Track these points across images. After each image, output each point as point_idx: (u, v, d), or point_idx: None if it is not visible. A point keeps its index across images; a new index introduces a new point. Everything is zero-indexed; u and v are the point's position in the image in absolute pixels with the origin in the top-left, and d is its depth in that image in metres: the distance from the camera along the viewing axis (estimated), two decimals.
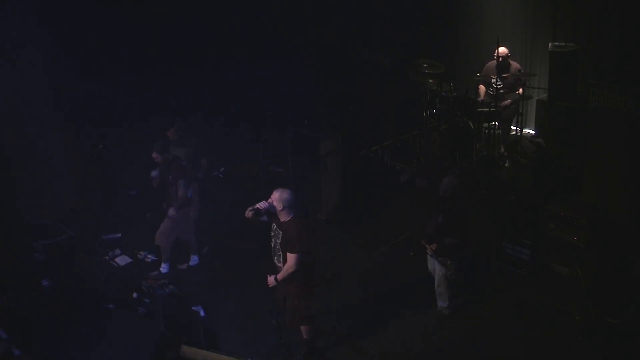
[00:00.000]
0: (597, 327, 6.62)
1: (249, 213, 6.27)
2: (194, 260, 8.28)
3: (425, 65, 9.75)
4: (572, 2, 9.58)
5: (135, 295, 7.54)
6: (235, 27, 10.16)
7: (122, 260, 8.34)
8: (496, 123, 9.33)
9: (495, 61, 9.28)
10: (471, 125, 9.41)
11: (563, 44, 9.30)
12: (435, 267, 7.01)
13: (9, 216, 7.86)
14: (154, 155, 7.71)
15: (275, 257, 6.36)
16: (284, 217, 6.22)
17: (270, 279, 6.31)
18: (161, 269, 8.04)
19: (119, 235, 8.80)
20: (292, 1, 10.40)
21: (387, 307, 7.28)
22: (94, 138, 8.94)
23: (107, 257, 8.36)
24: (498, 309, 7.11)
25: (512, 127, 9.91)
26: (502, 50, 9.27)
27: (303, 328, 6.57)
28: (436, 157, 9.49)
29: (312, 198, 9.05)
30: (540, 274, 7.02)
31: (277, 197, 6.16)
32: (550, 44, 9.40)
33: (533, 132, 10.21)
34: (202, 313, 7.19)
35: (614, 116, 7.19)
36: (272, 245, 6.39)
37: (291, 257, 6.14)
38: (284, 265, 6.25)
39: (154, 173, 8.00)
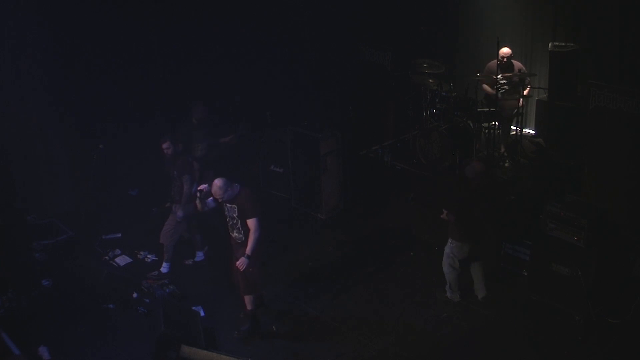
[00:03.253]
0: (597, 327, 6.62)
1: (197, 203, 6.77)
2: (199, 256, 8.28)
3: (425, 65, 9.75)
4: (572, 2, 9.58)
5: (135, 295, 7.53)
6: (235, 27, 10.16)
7: (122, 260, 8.33)
8: (496, 123, 9.33)
9: (496, 61, 9.27)
10: (471, 125, 9.42)
11: (563, 44, 9.30)
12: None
13: (9, 216, 7.87)
14: (165, 145, 7.71)
15: (235, 231, 6.63)
16: (233, 196, 6.53)
17: (241, 260, 6.49)
18: (161, 269, 8.03)
19: (119, 235, 8.80)
20: (292, 1, 10.40)
21: (388, 306, 7.28)
22: (94, 138, 8.93)
23: (107, 257, 8.36)
24: (498, 309, 7.10)
25: (512, 127, 9.91)
26: (505, 50, 9.26)
27: (246, 298, 6.82)
28: (436, 157, 9.49)
29: (312, 198, 9.06)
30: (540, 274, 7.01)
31: (215, 192, 6.49)
32: (550, 44, 9.40)
33: (533, 132, 10.22)
34: (202, 313, 7.19)
35: (614, 116, 7.20)
36: (229, 223, 6.65)
37: (252, 222, 6.47)
38: (245, 235, 6.52)
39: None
